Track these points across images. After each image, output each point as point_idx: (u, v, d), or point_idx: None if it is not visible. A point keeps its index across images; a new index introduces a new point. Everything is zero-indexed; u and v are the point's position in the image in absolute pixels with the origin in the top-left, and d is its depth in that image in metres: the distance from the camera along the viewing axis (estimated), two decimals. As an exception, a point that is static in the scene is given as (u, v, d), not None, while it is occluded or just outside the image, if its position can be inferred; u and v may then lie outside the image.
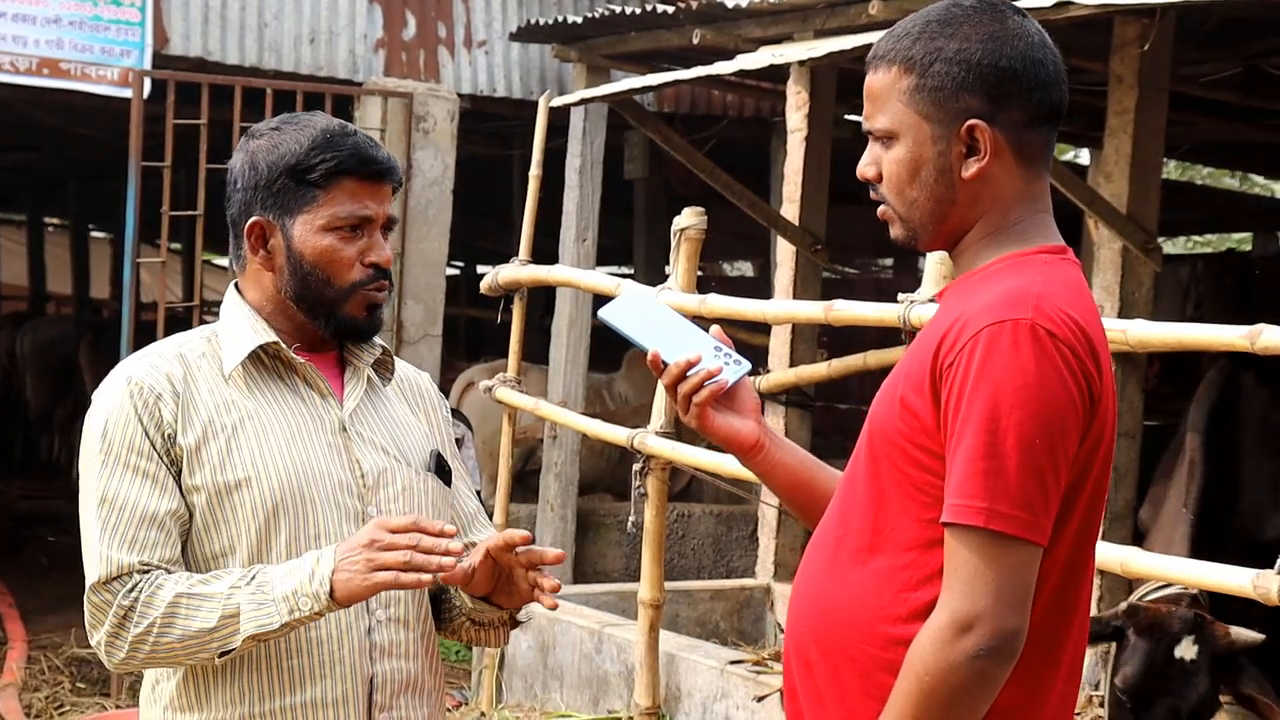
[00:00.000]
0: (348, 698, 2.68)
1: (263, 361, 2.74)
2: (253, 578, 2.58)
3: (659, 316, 2.57)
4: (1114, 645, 4.95)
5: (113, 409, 2.65)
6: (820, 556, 2.40)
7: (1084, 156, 13.74)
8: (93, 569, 2.61)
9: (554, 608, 2.73)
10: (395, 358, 2.92)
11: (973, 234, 2.36)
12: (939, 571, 2.22)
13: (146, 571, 2.60)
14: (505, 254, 7.57)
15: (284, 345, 2.73)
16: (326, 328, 2.75)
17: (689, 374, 2.47)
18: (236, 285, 2.81)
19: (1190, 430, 6.00)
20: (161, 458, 2.63)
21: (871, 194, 2.42)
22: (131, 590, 2.58)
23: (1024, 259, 2.31)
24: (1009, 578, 2.15)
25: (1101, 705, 5.30)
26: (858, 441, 2.39)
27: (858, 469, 2.37)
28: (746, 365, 2.52)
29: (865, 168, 2.40)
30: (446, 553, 2.54)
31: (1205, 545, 5.30)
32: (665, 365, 2.49)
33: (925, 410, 2.24)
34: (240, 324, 2.74)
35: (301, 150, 2.69)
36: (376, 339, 2.86)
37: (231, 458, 2.65)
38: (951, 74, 2.29)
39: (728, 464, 5.90)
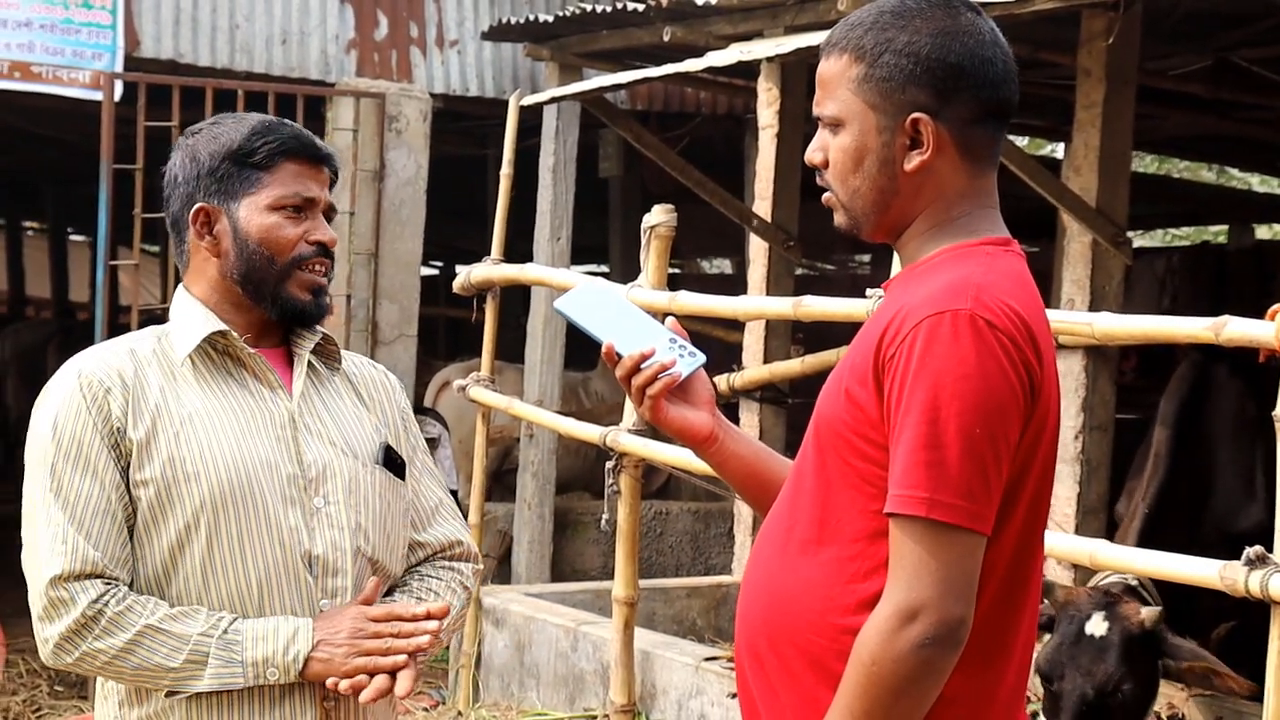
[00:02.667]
0: (300, 688, 2.70)
1: (211, 357, 2.77)
2: (225, 630, 2.62)
3: (615, 309, 2.58)
4: None
5: (63, 403, 2.68)
6: (769, 548, 2.42)
7: (1060, 151, 13.77)
8: (53, 561, 2.61)
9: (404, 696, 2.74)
10: (341, 349, 2.95)
11: (915, 226, 2.37)
12: (886, 562, 2.23)
13: (111, 585, 2.62)
14: (483, 254, 7.58)
15: (234, 335, 2.76)
16: (272, 309, 2.78)
17: (643, 367, 2.48)
18: (184, 285, 2.84)
19: (1159, 424, 6.02)
20: (110, 451, 2.65)
21: (817, 179, 2.44)
22: (97, 601, 2.60)
23: (967, 250, 2.32)
24: (953, 567, 2.16)
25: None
26: (805, 433, 2.40)
27: (806, 461, 2.38)
28: (701, 358, 2.53)
29: (813, 153, 2.41)
30: (424, 633, 2.70)
31: (1178, 537, 5.31)
32: (620, 357, 2.50)
33: (869, 402, 2.26)
34: (190, 317, 2.78)
35: (242, 136, 2.76)
36: (319, 328, 2.89)
37: (179, 451, 2.67)
38: (900, 66, 2.30)
39: (699, 461, 5.92)
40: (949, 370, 2.17)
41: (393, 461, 2.89)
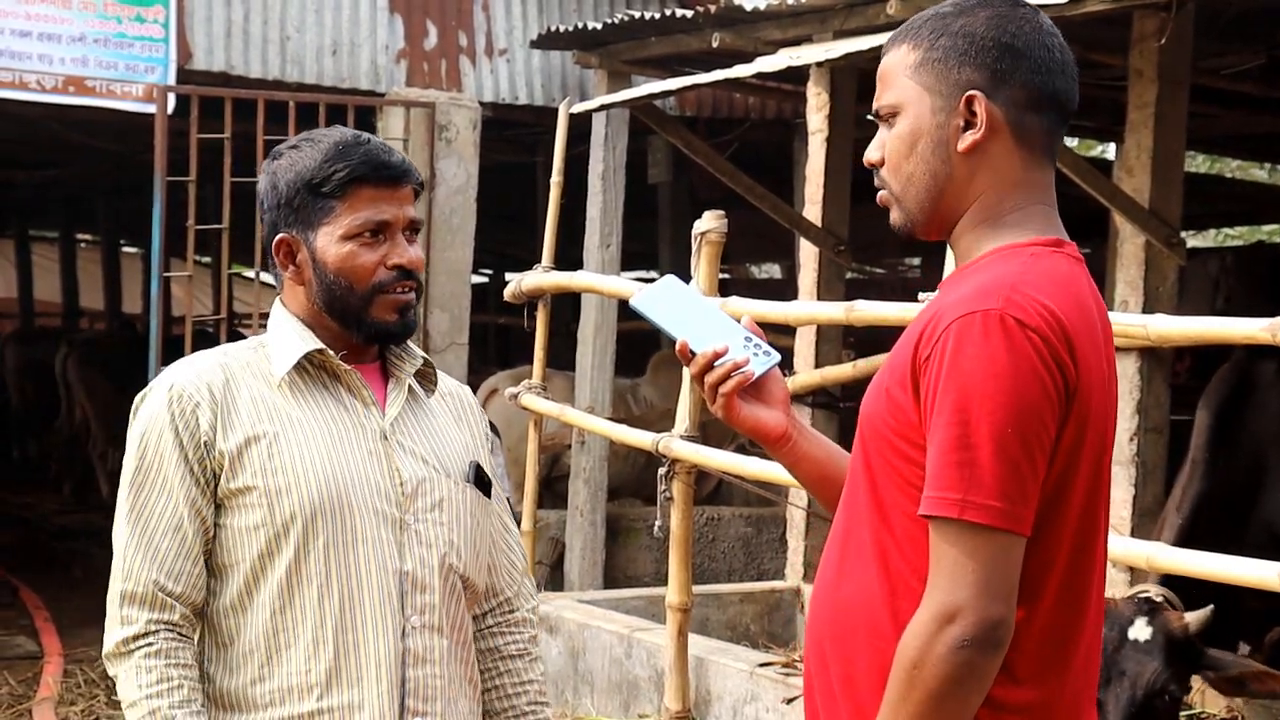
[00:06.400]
0: (380, 701, 2.71)
1: (308, 371, 2.79)
2: None
3: (691, 305, 2.57)
4: None
5: (150, 420, 2.72)
6: (831, 553, 2.42)
7: (1112, 152, 13.69)
8: (116, 578, 2.70)
9: None
10: (438, 370, 2.95)
11: (967, 219, 2.36)
12: None
13: (159, 625, 2.66)
14: (533, 261, 7.60)
15: (330, 352, 2.77)
16: (359, 334, 2.79)
17: (716, 364, 2.48)
18: (280, 300, 2.86)
19: (1195, 429, 5.96)
20: (194, 467, 2.69)
21: (875, 180, 2.43)
22: (136, 639, 2.66)
23: (1013, 251, 2.30)
24: (990, 567, 2.15)
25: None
26: (855, 437, 2.40)
27: (856, 464, 2.38)
28: (776, 357, 2.52)
29: (871, 152, 2.41)
30: None
31: (1219, 540, 5.25)
32: (693, 354, 2.49)
33: (908, 404, 2.25)
34: (288, 333, 2.80)
35: (315, 165, 2.75)
36: (418, 350, 2.91)
37: (272, 463, 2.69)
38: (955, 46, 2.31)
39: (751, 466, 5.91)
40: (979, 370, 2.16)
41: (482, 480, 2.90)
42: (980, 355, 2.16)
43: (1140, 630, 4.77)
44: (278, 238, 2.79)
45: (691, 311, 2.56)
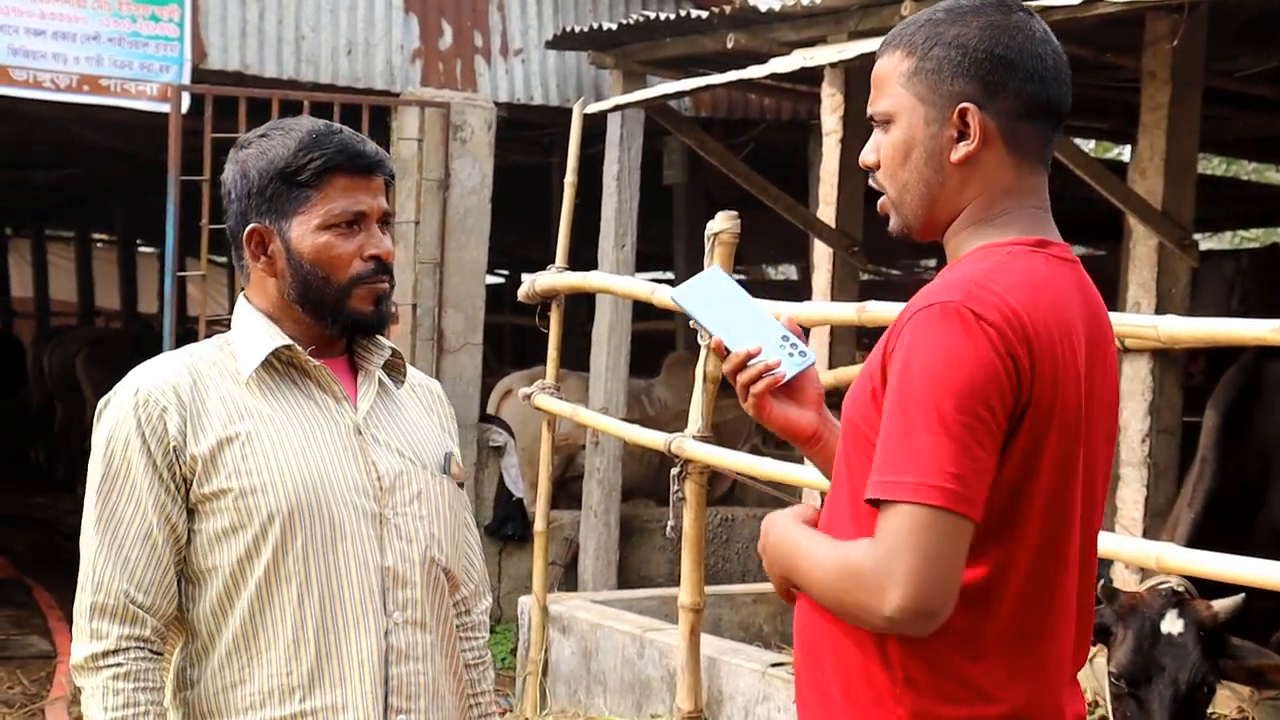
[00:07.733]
0: (364, 701, 2.69)
1: (276, 368, 2.75)
2: None
3: (731, 300, 2.56)
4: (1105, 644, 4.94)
5: (116, 424, 2.67)
6: None
7: (1128, 154, 13.67)
8: (85, 589, 2.65)
9: None
10: (406, 363, 2.93)
11: (958, 223, 2.37)
12: None
13: (128, 643, 2.62)
14: (548, 261, 7.60)
15: (299, 348, 2.74)
16: (333, 326, 2.76)
17: (749, 365, 2.48)
18: (245, 295, 2.82)
19: (1204, 429, 5.96)
20: (162, 474, 2.64)
21: (871, 182, 2.44)
22: (104, 656, 2.62)
23: (991, 250, 2.31)
24: (936, 553, 2.12)
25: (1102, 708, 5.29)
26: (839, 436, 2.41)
27: (838, 463, 2.38)
28: (811, 358, 2.52)
29: (866, 154, 2.42)
30: None
31: (1229, 540, 5.26)
32: (728, 353, 2.49)
33: (879, 398, 2.26)
34: (254, 330, 2.75)
35: (289, 153, 2.71)
36: (386, 341, 2.87)
37: (246, 463, 2.65)
38: (947, 57, 2.32)
39: (764, 466, 5.92)
40: (929, 357, 2.16)
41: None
42: (929, 343, 2.17)
43: (1173, 624, 4.76)
44: (249, 228, 2.74)
45: (730, 307, 2.54)
